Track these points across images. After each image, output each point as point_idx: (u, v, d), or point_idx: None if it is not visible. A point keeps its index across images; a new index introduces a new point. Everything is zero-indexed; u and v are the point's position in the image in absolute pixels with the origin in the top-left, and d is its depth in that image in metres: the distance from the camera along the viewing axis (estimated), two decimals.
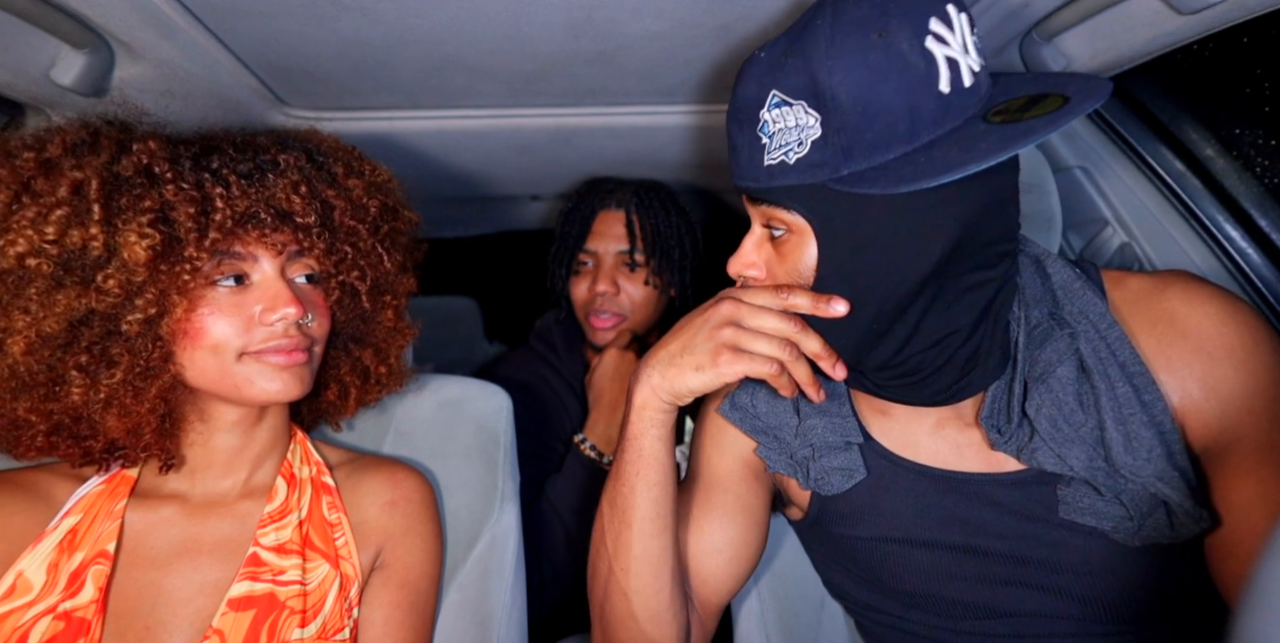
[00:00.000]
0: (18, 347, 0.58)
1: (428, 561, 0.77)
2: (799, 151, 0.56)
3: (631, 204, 1.18)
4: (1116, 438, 0.60)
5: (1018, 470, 0.66)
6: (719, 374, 0.63)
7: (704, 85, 0.91)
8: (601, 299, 1.16)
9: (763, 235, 0.64)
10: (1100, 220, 1.01)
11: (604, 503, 0.71)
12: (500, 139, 1.05)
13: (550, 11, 0.70)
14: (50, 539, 0.63)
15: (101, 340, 0.61)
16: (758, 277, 0.65)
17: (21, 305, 0.59)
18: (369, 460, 0.81)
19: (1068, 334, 0.63)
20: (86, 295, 0.59)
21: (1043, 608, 0.65)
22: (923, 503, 0.69)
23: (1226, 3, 0.64)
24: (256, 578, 0.68)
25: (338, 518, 0.74)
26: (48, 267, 0.58)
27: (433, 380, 0.96)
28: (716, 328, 0.63)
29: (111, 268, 0.59)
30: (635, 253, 1.17)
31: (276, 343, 0.66)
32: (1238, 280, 0.88)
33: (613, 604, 0.69)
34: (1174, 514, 0.59)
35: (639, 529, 0.67)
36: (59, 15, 0.65)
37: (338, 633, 0.70)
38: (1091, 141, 1.00)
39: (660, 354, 0.67)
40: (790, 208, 0.59)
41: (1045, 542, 0.64)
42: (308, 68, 0.81)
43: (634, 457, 0.68)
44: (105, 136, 0.62)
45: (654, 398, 0.66)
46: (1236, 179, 0.90)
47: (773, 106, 0.57)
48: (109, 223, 0.59)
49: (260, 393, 0.66)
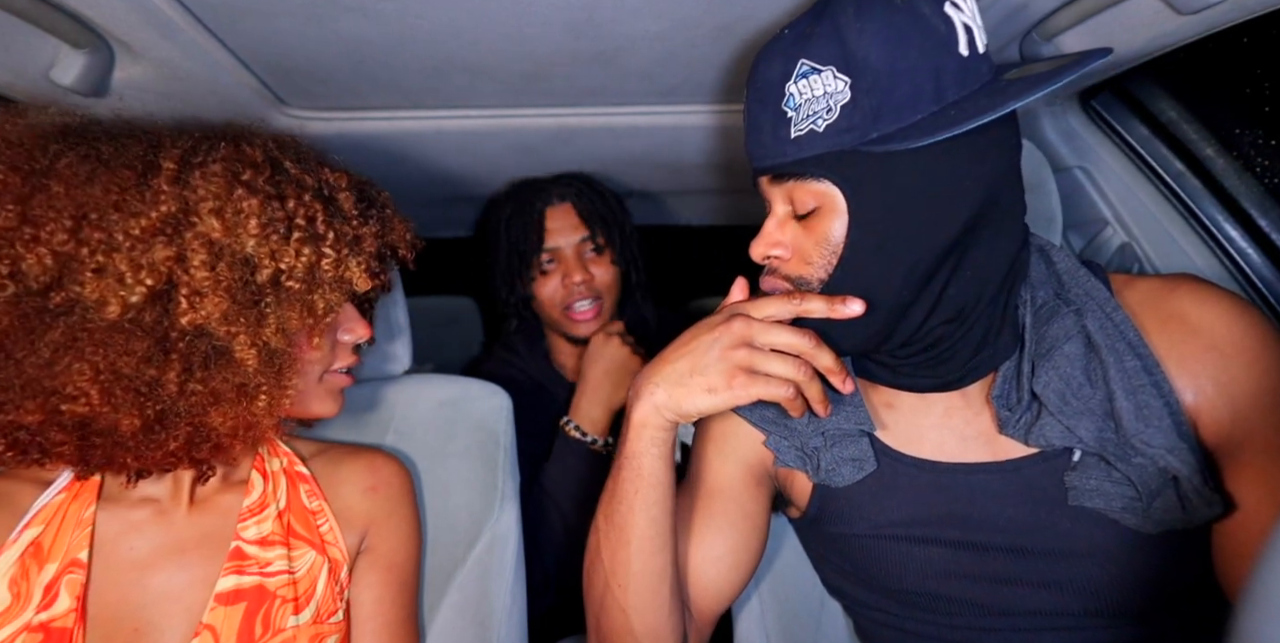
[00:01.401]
0: (252, 360, 0.61)
1: (410, 542, 0.80)
2: (828, 118, 0.57)
3: (571, 194, 1.20)
4: (1126, 407, 0.60)
5: (1023, 457, 0.66)
6: (733, 396, 0.61)
7: (704, 85, 0.91)
8: (580, 289, 1.18)
9: (785, 215, 0.64)
10: (1100, 220, 1.01)
11: (599, 518, 0.69)
12: (500, 139, 1.05)
13: (550, 11, 0.70)
14: (10, 553, 0.62)
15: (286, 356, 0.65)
16: (783, 256, 0.64)
17: (278, 318, 0.62)
18: (344, 449, 0.82)
19: (1073, 312, 0.64)
20: (311, 315, 0.64)
21: (1043, 606, 0.65)
22: (923, 499, 0.69)
23: (1226, 3, 0.64)
24: (242, 571, 0.68)
25: (319, 505, 0.75)
26: (297, 286, 0.62)
27: (433, 380, 0.96)
28: (729, 348, 0.62)
29: (329, 289, 0.65)
30: (597, 236, 1.19)
31: (348, 364, 0.73)
32: (1238, 280, 0.88)
33: (610, 619, 0.68)
34: (1184, 495, 0.59)
35: (638, 547, 0.66)
36: (59, 15, 0.65)
37: (331, 616, 0.71)
38: (1091, 142, 1.00)
39: (666, 371, 0.64)
40: (821, 177, 0.59)
41: (1050, 532, 0.64)
42: (308, 68, 0.81)
43: (632, 476, 0.65)
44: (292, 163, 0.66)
45: (656, 416, 0.64)
46: (1236, 179, 0.91)
47: (800, 77, 0.58)
48: (336, 248, 0.65)
49: (322, 411, 0.72)
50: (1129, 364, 0.62)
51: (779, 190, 0.63)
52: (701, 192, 1.45)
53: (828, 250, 0.60)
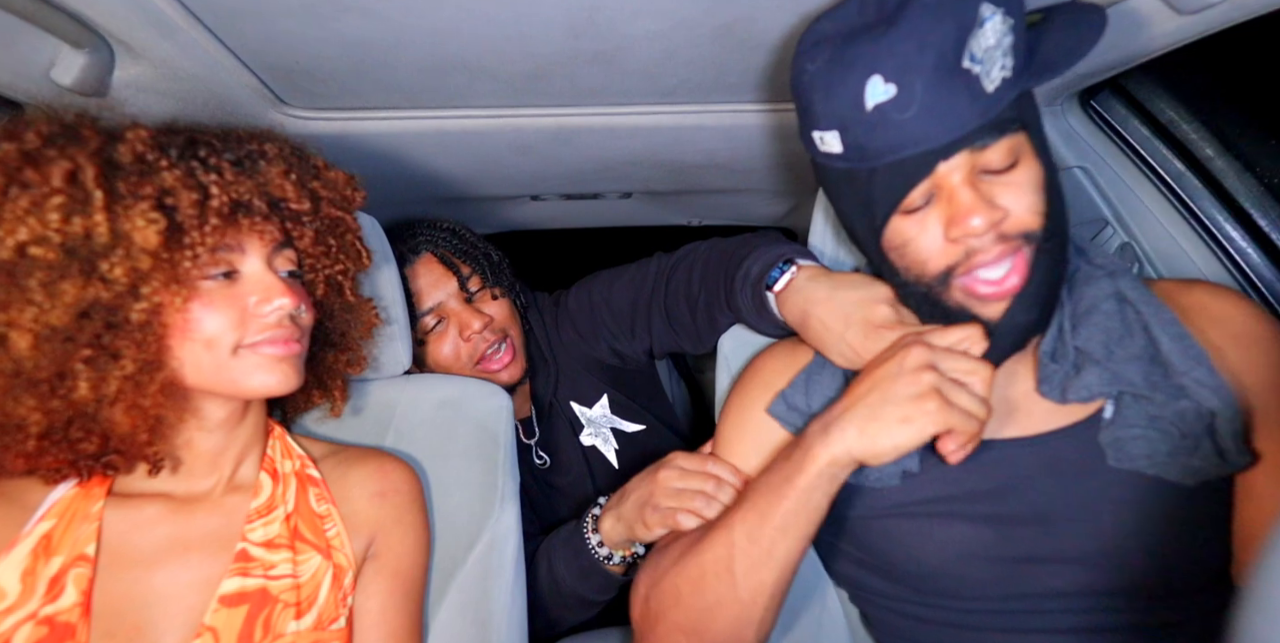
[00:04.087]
0: (25, 341, 0.57)
1: (418, 549, 0.78)
2: (1010, 60, 0.57)
3: (424, 244, 1.10)
4: (1175, 348, 0.63)
5: (1050, 432, 0.67)
6: (928, 423, 0.59)
7: (704, 85, 0.90)
8: (483, 335, 1.08)
9: (969, 182, 0.60)
10: (1100, 220, 1.01)
11: (737, 535, 0.68)
12: (500, 139, 1.05)
13: (550, 11, 0.70)
14: (24, 545, 0.62)
15: (105, 333, 0.60)
16: (998, 219, 0.60)
17: (26, 297, 0.57)
18: (355, 452, 0.81)
19: (1106, 274, 0.68)
20: (92, 285, 0.58)
21: (1065, 585, 0.65)
22: (949, 477, 0.69)
23: (1226, 3, 0.64)
24: (247, 574, 0.67)
25: (327, 509, 0.75)
26: (53, 255, 0.57)
27: (433, 380, 0.96)
28: (915, 372, 0.61)
29: (117, 255, 0.59)
30: (468, 280, 1.10)
31: (271, 334, 0.66)
32: (1238, 280, 0.88)
33: (720, 629, 0.69)
34: (1221, 442, 0.61)
35: (782, 571, 0.67)
36: (59, 15, 0.65)
37: (333, 623, 0.70)
38: (1091, 142, 1.00)
39: (857, 408, 0.63)
40: (1018, 129, 0.58)
41: (1079, 501, 0.64)
42: (308, 68, 0.81)
43: (797, 508, 0.65)
44: (84, 127, 0.62)
45: (845, 457, 0.63)
46: (1236, 179, 0.91)
47: (978, 26, 0.55)
48: (111, 209, 0.59)
49: (260, 386, 0.66)
50: (1165, 315, 0.65)
51: (967, 159, 0.59)
52: (701, 192, 1.45)
53: (1029, 209, 0.60)
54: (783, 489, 0.66)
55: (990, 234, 0.60)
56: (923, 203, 0.62)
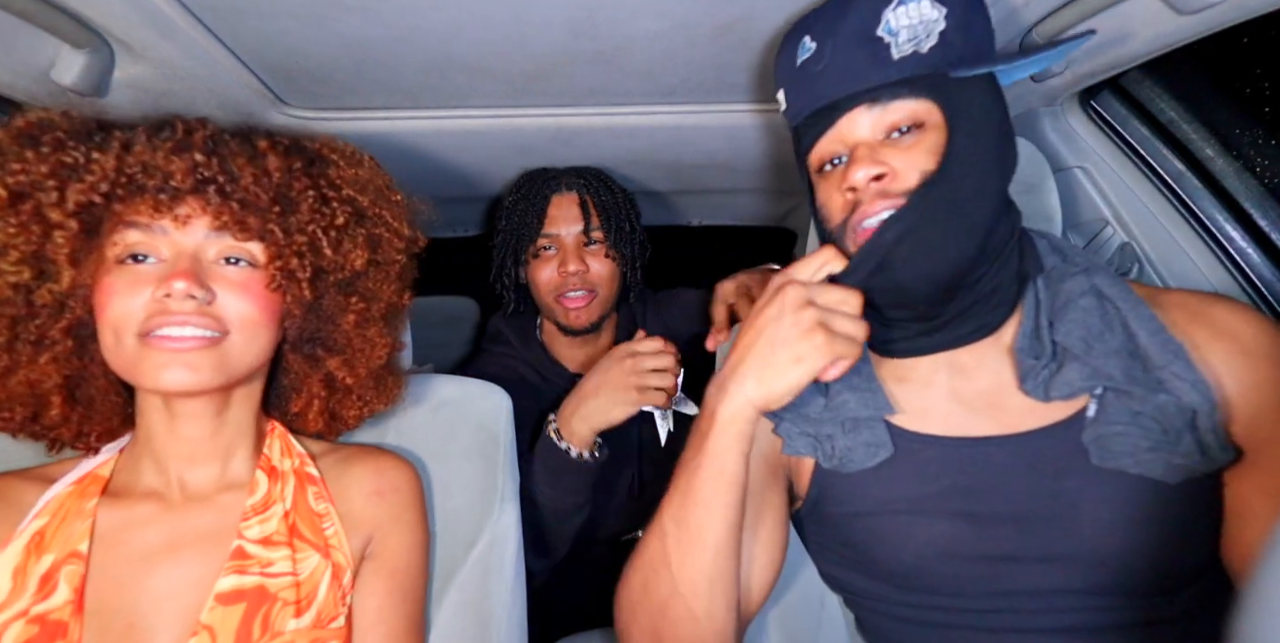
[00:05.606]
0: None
1: (416, 549, 0.78)
2: (929, 42, 0.62)
3: (579, 185, 1.21)
4: (1152, 343, 0.64)
5: (1031, 430, 0.67)
6: (819, 357, 0.60)
7: (704, 85, 0.90)
8: (574, 279, 1.20)
9: (874, 142, 0.65)
10: (1100, 220, 1.01)
11: (666, 523, 0.66)
12: (500, 139, 1.05)
13: (550, 11, 0.70)
14: (16, 543, 0.62)
15: (24, 312, 0.63)
16: (887, 174, 0.64)
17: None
18: (354, 450, 0.81)
19: (1082, 271, 0.69)
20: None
21: (1045, 584, 0.64)
22: (929, 474, 0.69)
23: (1226, 3, 0.64)
24: (244, 571, 0.67)
25: (325, 508, 0.74)
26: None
27: (433, 380, 0.96)
28: (796, 311, 0.61)
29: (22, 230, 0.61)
30: (592, 230, 1.20)
31: (169, 319, 0.61)
32: (1238, 280, 0.88)
33: (678, 628, 0.65)
34: (1203, 438, 0.61)
35: (716, 552, 0.63)
36: (59, 15, 0.65)
37: (333, 621, 0.70)
38: (1091, 142, 1.00)
39: (748, 359, 0.63)
40: (924, 97, 0.63)
41: (1058, 498, 0.64)
42: (308, 68, 0.81)
43: (713, 476, 0.63)
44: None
45: (748, 409, 0.62)
46: (1236, 179, 0.91)
47: (900, 4, 0.63)
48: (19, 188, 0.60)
49: (154, 382, 0.61)
50: (1143, 312, 0.66)
51: (873, 113, 0.65)
52: (701, 191, 1.45)
53: (920, 171, 0.63)
54: (696, 460, 0.64)
55: (873, 187, 0.64)
56: (838, 162, 0.68)
